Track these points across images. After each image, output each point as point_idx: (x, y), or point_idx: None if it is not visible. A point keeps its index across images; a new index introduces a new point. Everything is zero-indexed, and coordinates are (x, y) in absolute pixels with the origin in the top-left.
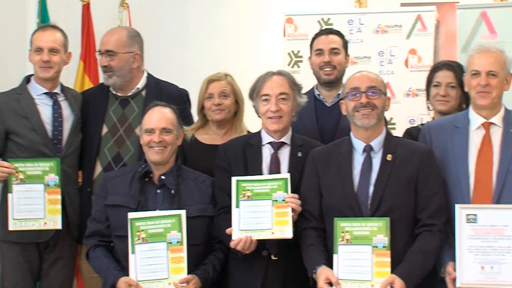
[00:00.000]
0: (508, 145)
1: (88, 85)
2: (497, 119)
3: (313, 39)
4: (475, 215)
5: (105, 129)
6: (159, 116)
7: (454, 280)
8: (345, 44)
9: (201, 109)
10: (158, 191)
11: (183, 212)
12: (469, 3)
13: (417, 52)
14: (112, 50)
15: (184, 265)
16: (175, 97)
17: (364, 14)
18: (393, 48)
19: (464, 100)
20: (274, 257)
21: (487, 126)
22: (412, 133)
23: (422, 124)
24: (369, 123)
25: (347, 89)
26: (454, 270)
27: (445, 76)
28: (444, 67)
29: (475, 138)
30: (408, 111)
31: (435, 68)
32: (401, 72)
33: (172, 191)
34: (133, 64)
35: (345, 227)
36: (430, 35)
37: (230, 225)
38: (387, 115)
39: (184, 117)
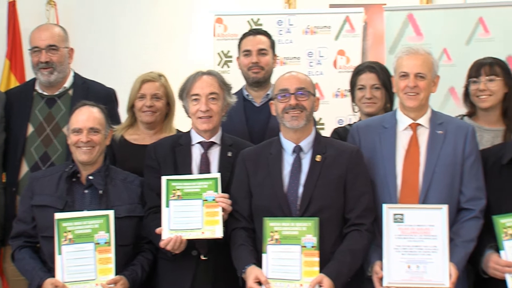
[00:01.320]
0: (434, 146)
1: (14, 83)
2: (424, 120)
3: (241, 39)
4: (402, 214)
5: (30, 129)
6: (87, 116)
7: (381, 279)
8: (272, 44)
9: (131, 108)
10: (86, 191)
11: (111, 213)
12: (396, 5)
13: (345, 53)
14: (55, 45)
15: (112, 265)
16: (102, 96)
17: (293, 15)
18: (322, 49)
19: (389, 100)
20: (204, 257)
21: (414, 127)
22: (340, 133)
23: (349, 124)
24: (298, 125)
25: (276, 91)
26: (381, 269)
27: (368, 79)
28: (366, 70)
29: (402, 139)
30: (336, 112)
31: (358, 71)
32: (329, 73)
33: (100, 192)
34: (70, 60)
35: (274, 226)
36: (358, 36)
37: (159, 225)
38: (316, 115)
39: (111, 116)
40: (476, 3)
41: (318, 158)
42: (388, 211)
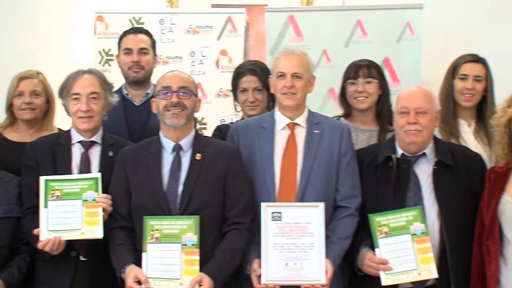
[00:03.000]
0: (311, 145)
1: None
2: (301, 120)
3: (121, 37)
4: (280, 213)
5: None
6: None
7: (259, 277)
8: (153, 43)
9: (10, 106)
10: None
11: None
12: (277, 7)
13: (227, 53)
14: None
15: None
16: None
17: (175, 14)
18: (204, 49)
19: (271, 99)
20: (83, 257)
21: (292, 126)
22: (223, 130)
23: (232, 123)
24: (179, 123)
25: (159, 87)
26: (260, 267)
27: (250, 81)
28: (248, 72)
29: (280, 138)
30: (219, 111)
31: (239, 74)
32: (212, 73)
33: None
34: None
35: (154, 225)
36: (240, 37)
37: (37, 226)
38: (199, 115)
39: None
40: (354, 6)
41: (198, 156)
42: (266, 209)
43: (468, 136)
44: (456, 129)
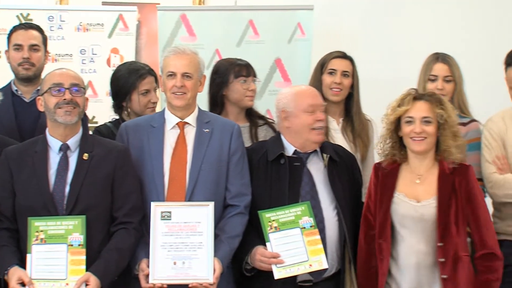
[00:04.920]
0: (201, 144)
1: None
2: (191, 119)
3: (11, 32)
4: (169, 212)
5: None
6: None
7: (147, 276)
8: (45, 40)
9: None
10: None
11: None
12: (169, 5)
13: (119, 51)
14: None
15: None
16: None
17: (65, 11)
18: (95, 47)
19: None
20: None
21: (181, 125)
22: (101, 130)
23: (110, 122)
24: (72, 120)
25: (49, 85)
26: (148, 266)
27: (151, 82)
28: (148, 74)
29: (170, 137)
30: (110, 110)
31: (141, 75)
32: (103, 71)
33: None
34: None
35: (39, 226)
36: (131, 35)
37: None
38: (90, 113)
39: None
40: (246, 6)
41: (85, 156)
42: (155, 209)
43: (337, 134)
44: (325, 126)
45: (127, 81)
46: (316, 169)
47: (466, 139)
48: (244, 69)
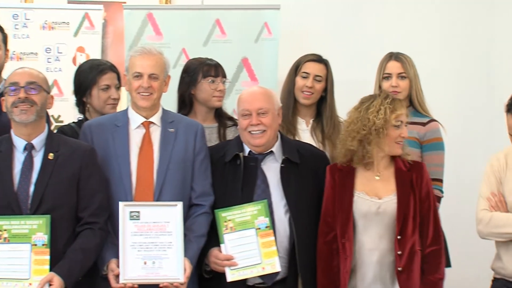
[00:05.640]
0: (167, 143)
1: None
2: (156, 118)
3: None
4: (138, 212)
5: None
6: None
7: (117, 276)
8: (4, 38)
9: None
10: None
11: None
12: (136, 4)
13: (85, 50)
14: None
15: None
16: None
17: (30, 9)
18: (61, 45)
19: None
20: None
21: (147, 125)
22: (65, 130)
23: (74, 122)
24: (28, 119)
25: (6, 84)
26: (118, 266)
27: (112, 78)
28: (109, 70)
29: (136, 137)
30: (76, 109)
31: (102, 70)
32: (69, 70)
33: None
34: None
35: (3, 225)
36: (98, 34)
37: None
38: (55, 112)
39: None
40: (213, 5)
41: (51, 156)
42: (124, 208)
43: (305, 134)
44: (294, 126)
45: (87, 76)
46: (272, 170)
47: (425, 139)
48: (213, 69)
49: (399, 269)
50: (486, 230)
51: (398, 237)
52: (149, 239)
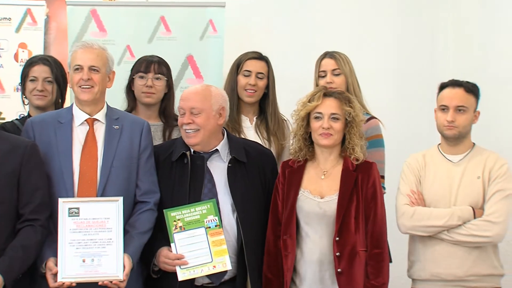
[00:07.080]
0: (111, 140)
1: None
2: (101, 115)
3: None
4: (77, 208)
5: None
6: None
7: (55, 275)
8: None
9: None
10: None
11: None
12: (79, 0)
13: (27, 46)
14: None
15: None
16: None
17: None
18: (2, 41)
19: (60, 95)
20: None
21: (91, 122)
22: (8, 128)
23: (17, 119)
24: None
25: None
26: (56, 265)
27: (41, 71)
28: (40, 62)
29: (79, 134)
30: (18, 105)
31: (31, 63)
32: (10, 66)
33: None
34: None
35: None
36: (40, 30)
37: None
38: None
39: None
40: (157, 2)
41: None
42: (63, 205)
43: (249, 131)
44: (238, 124)
45: (23, 70)
46: (219, 169)
47: (366, 136)
48: (143, 65)
49: (339, 270)
50: (409, 224)
51: (337, 238)
52: (88, 236)
